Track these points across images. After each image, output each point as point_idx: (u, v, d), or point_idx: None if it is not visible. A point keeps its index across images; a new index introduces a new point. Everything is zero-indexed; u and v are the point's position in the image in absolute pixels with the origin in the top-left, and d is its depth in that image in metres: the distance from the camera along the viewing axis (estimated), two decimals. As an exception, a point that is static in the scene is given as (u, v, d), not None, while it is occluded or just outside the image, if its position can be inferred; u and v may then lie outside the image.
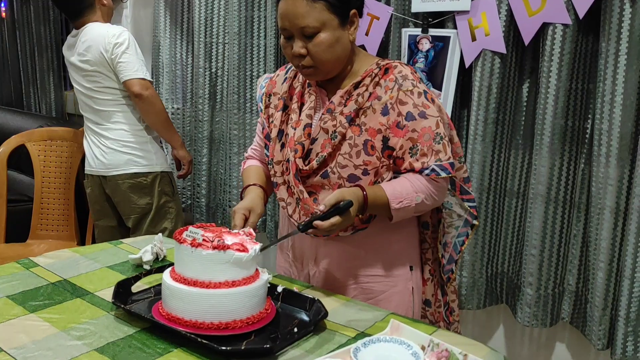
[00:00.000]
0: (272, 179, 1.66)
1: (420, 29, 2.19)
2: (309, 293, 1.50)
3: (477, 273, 2.23)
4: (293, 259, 1.75)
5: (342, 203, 1.40)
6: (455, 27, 2.11)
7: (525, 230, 2.12)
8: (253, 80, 2.85)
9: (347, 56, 1.55)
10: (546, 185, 2.02)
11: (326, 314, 1.35)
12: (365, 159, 1.53)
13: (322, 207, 1.41)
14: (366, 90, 1.54)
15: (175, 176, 2.86)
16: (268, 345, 1.23)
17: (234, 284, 1.30)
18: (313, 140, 1.56)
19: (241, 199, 1.68)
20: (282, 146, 1.63)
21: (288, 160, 1.59)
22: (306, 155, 1.57)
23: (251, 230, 1.42)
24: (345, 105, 1.54)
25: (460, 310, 2.28)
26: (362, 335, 1.33)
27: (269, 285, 1.40)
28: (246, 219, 1.54)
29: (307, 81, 1.61)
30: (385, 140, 1.53)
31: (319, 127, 1.56)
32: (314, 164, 1.54)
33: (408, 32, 2.22)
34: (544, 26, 1.95)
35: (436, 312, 1.78)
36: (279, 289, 1.46)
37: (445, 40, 2.13)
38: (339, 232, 1.56)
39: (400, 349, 1.22)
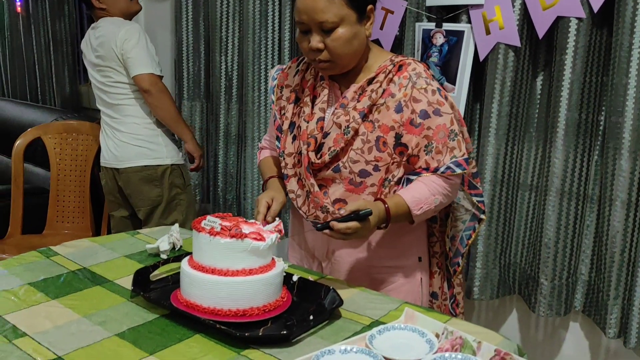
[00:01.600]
0: (282, 170, 1.68)
1: (434, 24, 2.20)
2: (323, 282, 1.52)
3: (490, 264, 2.25)
4: (305, 251, 1.77)
5: (362, 211, 1.42)
6: (469, 22, 2.12)
7: (540, 222, 2.13)
8: (267, 74, 2.87)
9: (362, 51, 1.57)
10: (560, 178, 2.03)
11: (341, 302, 1.37)
12: (376, 155, 1.54)
13: (342, 211, 1.43)
14: (380, 86, 1.55)
15: (188, 169, 2.89)
16: (285, 332, 1.26)
17: (251, 272, 1.32)
18: (325, 134, 1.58)
19: (263, 190, 1.71)
20: (294, 138, 1.65)
21: (300, 153, 1.60)
22: (318, 149, 1.59)
23: (281, 226, 1.44)
24: (358, 101, 1.55)
25: (474, 300, 2.30)
26: (376, 323, 1.35)
27: (284, 274, 1.42)
28: (269, 208, 1.56)
29: (320, 74, 1.63)
30: (398, 137, 1.54)
31: (331, 122, 1.57)
32: (326, 157, 1.56)
33: (422, 26, 2.23)
34: (558, 20, 1.95)
35: (442, 305, 1.80)
36: (294, 278, 1.48)
37: (459, 34, 2.14)
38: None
39: (415, 337, 1.24)
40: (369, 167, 1.55)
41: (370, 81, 1.57)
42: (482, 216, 1.75)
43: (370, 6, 1.53)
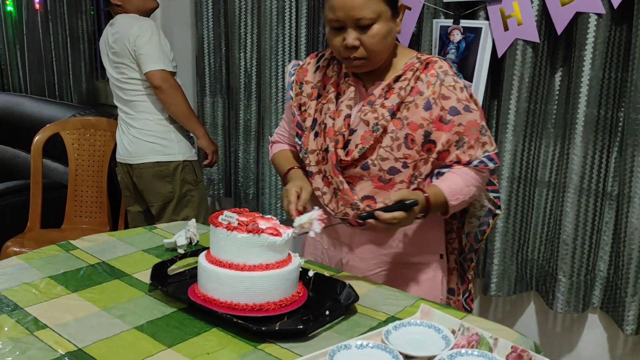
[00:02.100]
0: (307, 168, 1.67)
1: (451, 20, 2.19)
2: (339, 278, 1.53)
3: (507, 260, 2.24)
4: (327, 246, 1.76)
5: (408, 201, 1.42)
6: (487, 18, 2.11)
7: (558, 219, 2.12)
8: (285, 70, 2.87)
9: (392, 48, 1.57)
10: (579, 175, 2.02)
11: (357, 297, 1.38)
12: (405, 153, 1.54)
13: (387, 201, 1.43)
14: (408, 84, 1.55)
15: (201, 165, 2.90)
16: (301, 327, 1.26)
17: (267, 267, 1.32)
18: (352, 131, 1.57)
19: (283, 183, 1.71)
20: (316, 135, 1.64)
21: (326, 150, 1.60)
22: (344, 146, 1.59)
23: (323, 215, 1.44)
24: (386, 98, 1.55)
25: (490, 296, 2.30)
26: (392, 319, 1.35)
27: (300, 269, 1.43)
28: (298, 197, 1.57)
29: (344, 71, 1.62)
30: (427, 134, 1.54)
31: (358, 119, 1.57)
32: (355, 154, 1.55)
33: (439, 23, 2.22)
34: (577, 15, 1.94)
35: (457, 300, 1.80)
36: (310, 273, 1.48)
37: (476, 31, 2.13)
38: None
39: (431, 333, 1.24)
40: (398, 165, 1.55)
41: (397, 79, 1.56)
42: (498, 211, 1.75)
43: (400, 2, 1.53)
